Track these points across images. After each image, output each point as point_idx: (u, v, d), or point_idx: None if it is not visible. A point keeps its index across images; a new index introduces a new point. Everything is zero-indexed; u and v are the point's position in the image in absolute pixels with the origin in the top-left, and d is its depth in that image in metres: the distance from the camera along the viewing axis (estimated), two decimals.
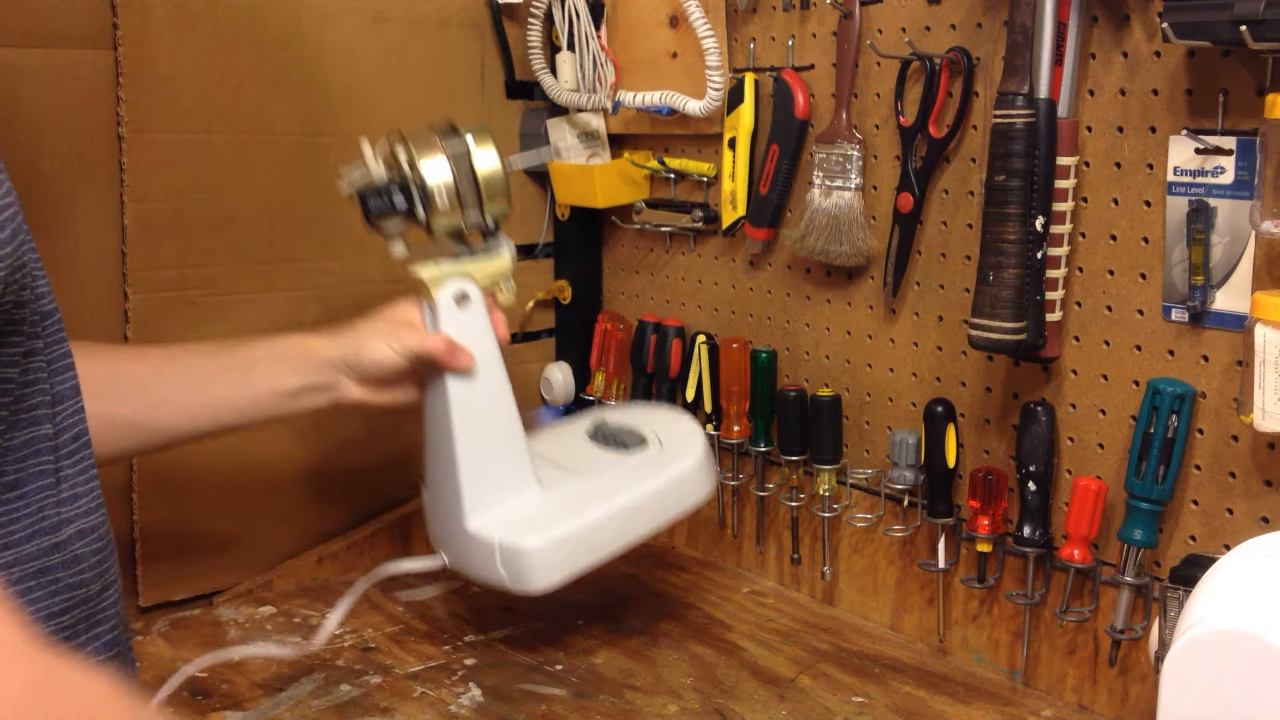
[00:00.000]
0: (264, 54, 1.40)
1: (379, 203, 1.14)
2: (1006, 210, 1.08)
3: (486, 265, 1.19)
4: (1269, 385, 0.94)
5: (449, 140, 1.15)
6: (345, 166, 1.16)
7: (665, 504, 1.23)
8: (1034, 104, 1.07)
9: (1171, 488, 1.06)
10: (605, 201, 1.57)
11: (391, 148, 1.17)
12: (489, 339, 1.18)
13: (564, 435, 1.34)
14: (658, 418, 1.35)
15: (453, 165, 1.14)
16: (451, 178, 1.14)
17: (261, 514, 1.46)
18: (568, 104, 1.57)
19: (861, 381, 1.35)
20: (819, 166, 1.32)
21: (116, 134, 1.31)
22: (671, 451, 1.27)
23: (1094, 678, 1.16)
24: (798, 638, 1.32)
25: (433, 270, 1.17)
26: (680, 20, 1.43)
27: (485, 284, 1.19)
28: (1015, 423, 1.18)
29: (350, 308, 1.51)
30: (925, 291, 1.27)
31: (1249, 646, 0.70)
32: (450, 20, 1.56)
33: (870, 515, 1.34)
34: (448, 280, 1.17)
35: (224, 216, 1.40)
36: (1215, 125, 1.01)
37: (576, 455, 1.28)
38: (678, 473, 1.24)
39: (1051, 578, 1.17)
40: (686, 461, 1.25)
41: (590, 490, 1.22)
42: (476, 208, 1.16)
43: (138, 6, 1.31)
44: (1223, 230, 1.01)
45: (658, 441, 1.28)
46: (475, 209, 1.16)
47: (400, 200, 1.14)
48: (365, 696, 1.19)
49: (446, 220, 1.16)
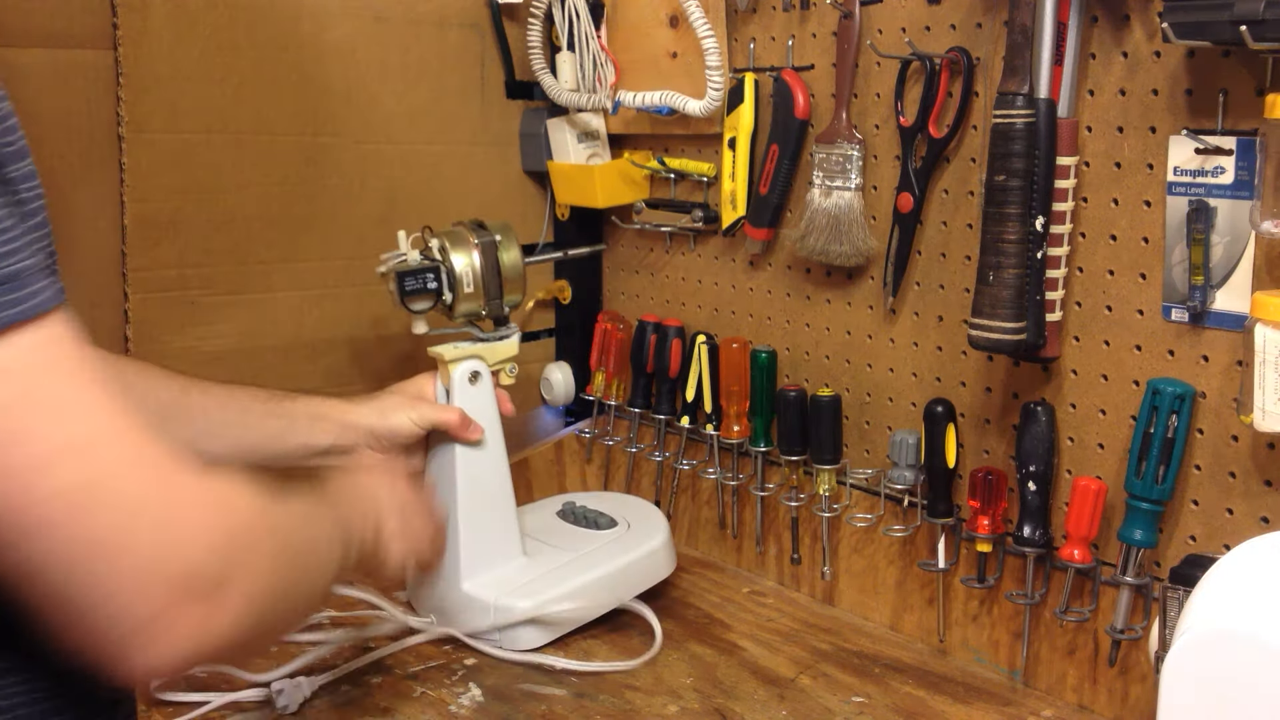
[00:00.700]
0: (264, 54, 1.40)
1: (413, 283, 1.29)
2: (1006, 210, 1.08)
3: (496, 349, 1.33)
4: (1269, 385, 0.94)
5: (478, 235, 1.32)
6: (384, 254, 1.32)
7: (634, 578, 1.35)
8: (1034, 104, 1.07)
9: (1171, 488, 1.06)
10: (605, 201, 1.57)
11: (425, 239, 1.33)
12: (494, 415, 1.31)
13: (537, 513, 1.47)
14: (622, 502, 1.50)
15: (480, 256, 1.31)
16: (479, 267, 1.31)
17: None
18: (568, 104, 1.57)
19: (861, 381, 1.35)
20: (819, 166, 1.32)
21: (116, 134, 1.31)
22: (639, 532, 1.40)
23: (1094, 678, 1.16)
24: (798, 638, 1.32)
25: (451, 351, 1.31)
26: (680, 20, 1.43)
27: (493, 365, 1.32)
28: (1015, 423, 1.18)
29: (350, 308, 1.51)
30: (925, 291, 1.27)
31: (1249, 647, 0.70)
32: (450, 20, 1.56)
33: (870, 515, 1.34)
34: (463, 360, 1.30)
35: (224, 216, 1.40)
36: (1215, 125, 1.01)
37: (553, 530, 1.42)
38: (646, 550, 1.37)
39: (1051, 578, 1.17)
40: (654, 541, 1.38)
41: (570, 561, 1.34)
42: (497, 296, 1.32)
43: (138, 6, 1.31)
44: (1223, 230, 1.01)
45: (625, 523, 1.41)
46: (496, 297, 1.32)
47: (432, 282, 1.29)
48: (365, 696, 1.19)
49: (468, 305, 1.32)
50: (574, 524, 1.43)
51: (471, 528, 1.30)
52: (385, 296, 1.31)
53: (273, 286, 1.45)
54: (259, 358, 1.44)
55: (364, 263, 1.50)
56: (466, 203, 1.57)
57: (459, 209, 1.54)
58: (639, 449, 1.59)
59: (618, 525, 1.41)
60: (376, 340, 1.53)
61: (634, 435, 1.59)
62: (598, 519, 1.42)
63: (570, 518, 1.44)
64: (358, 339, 1.52)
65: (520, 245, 1.34)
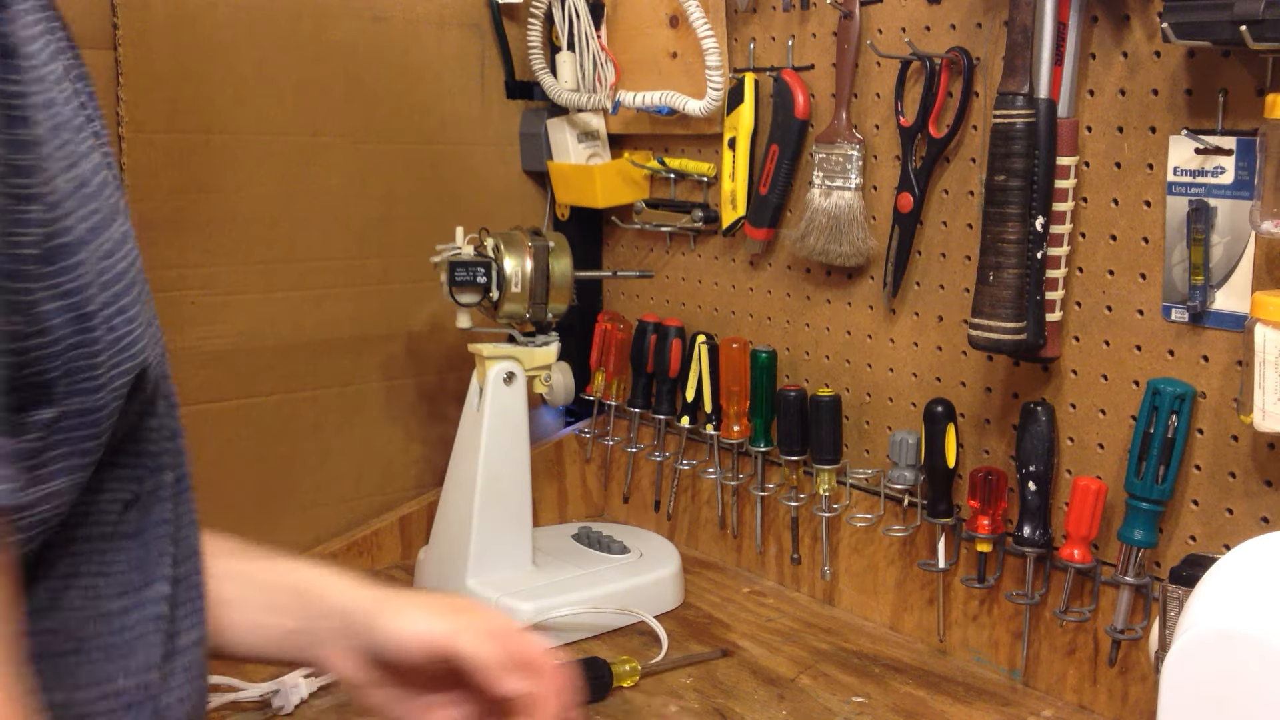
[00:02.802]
0: (264, 54, 1.40)
1: (464, 275, 1.33)
2: (1006, 210, 1.08)
3: (535, 354, 1.38)
4: (1269, 385, 0.94)
5: (533, 240, 1.36)
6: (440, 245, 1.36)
7: (639, 602, 1.35)
8: (1034, 104, 1.07)
9: (1171, 488, 1.06)
10: (605, 201, 1.57)
11: (481, 237, 1.37)
12: (524, 418, 1.35)
13: (552, 534, 1.50)
14: (639, 534, 1.52)
15: (532, 260, 1.35)
16: (529, 270, 1.35)
17: (262, 514, 1.46)
18: (568, 104, 1.57)
19: (861, 381, 1.35)
20: (819, 166, 1.32)
21: (116, 134, 1.31)
22: (650, 560, 1.43)
23: (1094, 678, 1.16)
24: (798, 638, 1.32)
25: (490, 349, 1.35)
26: (680, 20, 1.43)
27: (529, 370, 1.37)
28: (1015, 423, 1.18)
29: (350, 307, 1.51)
30: (925, 291, 1.27)
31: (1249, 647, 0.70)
32: (450, 20, 1.55)
33: (870, 515, 1.34)
34: (501, 360, 1.35)
35: (224, 216, 1.40)
36: (1215, 125, 1.01)
37: (565, 550, 1.45)
38: (654, 577, 1.39)
39: (1051, 578, 1.17)
40: (664, 570, 1.40)
41: (578, 576, 1.37)
42: (543, 302, 1.36)
43: (138, 6, 1.31)
44: (1223, 230, 1.01)
45: (638, 552, 1.44)
46: (541, 302, 1.36)
47: (481, 277, 1.33)
48: None
49: (513, 306, 1.35)
50: (587, 546, 1.45)
51: (484, 527, 1.32)
52: (384, 297, 1.33)
53: (273, 286, 1.44)
54: (259, 358, 1.44)
55: (364, 263, 1.50)
56: (466, 203, 1.57)
57: (459, 209, 1.54)
58: (639, 449, 1.59)
59: (630, 552, 1.43)
60: (377, 340, 1.53)
61: (634, 435, 1.59)
62: (610, 544, 1.45)
63: (584, 540, 1.47)
64: (358, 339, 1.52)
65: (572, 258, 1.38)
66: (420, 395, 1.58)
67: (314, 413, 1.49)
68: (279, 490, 1.47)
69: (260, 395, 1.45)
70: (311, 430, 1.49)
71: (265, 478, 1.46)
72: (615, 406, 1.60)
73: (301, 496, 1.49)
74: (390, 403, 1.55)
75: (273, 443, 1.46)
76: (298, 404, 1.48)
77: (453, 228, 1.38)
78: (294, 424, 1.47)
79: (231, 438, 1.42)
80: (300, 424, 1.48)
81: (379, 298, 1.52)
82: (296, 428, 1.47)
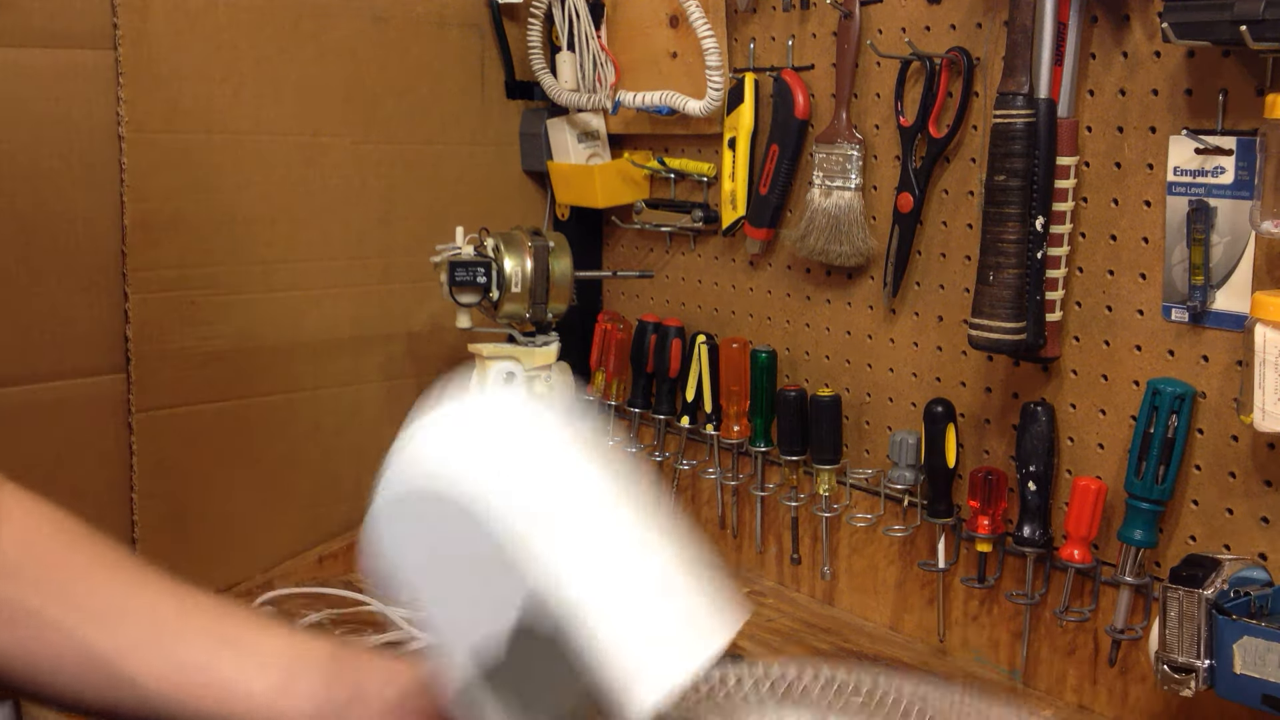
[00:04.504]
0: (264, 54, 1.40)
1: (464, 275, 1.33)
2: (1006, 210, 1.08)
3: (534, 354, 1.38)
4: (1269, 385, 0.94)
5: (533, 240, 1.37)
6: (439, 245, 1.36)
7: None
8: (1034, 104, 1.07)
9: (1171, 488, 1.06)
10: (605, 201, 1.57)
11: (481, 237, 1.37)
12: None
13: None
14: None
15: (532, 260, 1.35)
16: (529, 270, 1.35)
17: (262, 514, 1.46)
18: (568, 104, 1.57)
19: (861, 381, 1.35)
20: (819, 166, 1.32)
21: (116, 134, 1.31)
22: None
23: (1094, 678, 1.16)
24: (798, 638, 1.32)
25: (490, 349, 1.36)
26: (680, 20, 1.43)
27: (528, 370, 1.37)
28: (1015, 423, 1.18)
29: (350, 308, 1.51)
30: (925, 291, 1.27)
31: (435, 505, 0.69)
32: (450, 20, 1.55)
33: (870, 515, 1.34)
34: (500, 360, 1.36)
35: (224, 216, 1.40)
36: (1215, 125, 1.01)
37: None
38: None
39: (1051, 578, 1.17)
40: None
41: None
42: (542, 301, 1.36)
43: (138, 6, 1.31)
44: (1223, 230, 1.01)
45: None
46: (541, 302, 1.36)
47: (481, 277, 1.33)
48: None
49: (513, 306, 1.36)
50: None
51: None
52: (384, 297, 1.33)
53: (273, 286, 1.44)
54: (259, 358, 1.44)
55: (364, 263, 1.50)
56: (466, 203, 1.57)
57: (459, 209, 1.54)
58: (639, 449, 1.59)
59: None
60: (377, 340, 1.53)
61: (634, 435, 1.59)
62: None
63: None
64: (358, 339, 1.52)
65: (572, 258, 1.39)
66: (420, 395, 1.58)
67: (314, 413, 1.49)
68: (279, 490, 1.47)
69: (260, 395, 1.45)
70: (311, 430, 1.49)
71: (265, 478, 1.46)
72: (615, 406, 1.60)
73: (301, 497, 1.49)
74: (390, 403, 1.55)
75: (273, 443, 1.46)
76: (298, 404, 1.48)
77: (453, 228, 1.38)
78: (294, 424, 1.47)
79: (231, 438, 1.42)
80: (300, 424, 1.48)
81: (379, 298, 1.52)
82: (296, 428, 1.47)
